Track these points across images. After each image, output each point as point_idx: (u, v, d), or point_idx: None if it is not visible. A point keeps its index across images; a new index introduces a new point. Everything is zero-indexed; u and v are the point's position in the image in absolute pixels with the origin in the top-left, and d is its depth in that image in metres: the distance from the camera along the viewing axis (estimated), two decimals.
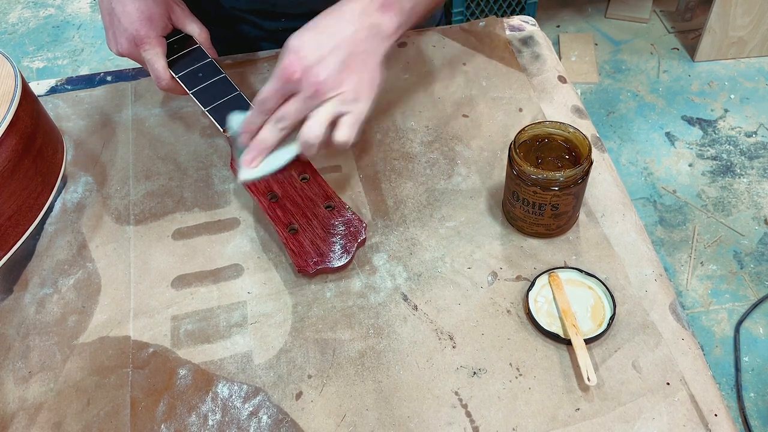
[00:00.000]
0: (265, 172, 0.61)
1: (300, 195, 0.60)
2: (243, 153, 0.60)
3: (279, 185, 0.60)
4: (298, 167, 0.61)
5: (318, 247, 0.57)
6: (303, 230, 0.58)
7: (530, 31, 0.83)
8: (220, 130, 0.64)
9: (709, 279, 1.55)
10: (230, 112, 0.64)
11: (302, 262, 0.57)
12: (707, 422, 0.50)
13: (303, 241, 0.58)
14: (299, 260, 0.57)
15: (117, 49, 0.67)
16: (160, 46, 0.66)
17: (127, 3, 0.64)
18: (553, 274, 0.58)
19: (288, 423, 0.51)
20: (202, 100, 0.65)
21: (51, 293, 0.60)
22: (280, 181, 0.60)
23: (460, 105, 0.74)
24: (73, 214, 0.66)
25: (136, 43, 0.65)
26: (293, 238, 0.58)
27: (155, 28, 0.65)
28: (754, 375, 1.38)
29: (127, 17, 0.64)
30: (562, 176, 0.55)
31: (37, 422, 0.52)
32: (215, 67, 0.67)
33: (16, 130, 0.60)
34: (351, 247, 0.58)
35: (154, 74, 0.66)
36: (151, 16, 0.65)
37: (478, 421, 0.51)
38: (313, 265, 0.57)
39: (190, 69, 0.67)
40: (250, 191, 0.60)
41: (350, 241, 0.58)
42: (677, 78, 2.03)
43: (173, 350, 0.56)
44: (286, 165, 0.61)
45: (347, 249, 0.58)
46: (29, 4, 2.56)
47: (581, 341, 0.53)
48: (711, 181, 1.75)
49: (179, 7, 0.69)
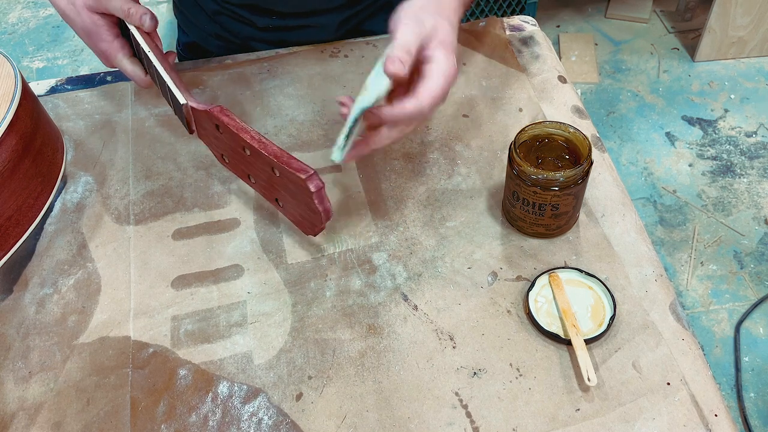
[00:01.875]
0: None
1: (256, 169, 0.58)
2: (347, 144, 0.55)
3: (248, 168, 0.59)
4: (239, 143, 0.57)
5: (301, 211, 0.57)
6: (284, 202, 0.58)
7: (530, 31, 0.83)
8: (180, 101, 0.60)
9: (709, 279, 1.54)
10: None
11: (309, 227, 0.58)
12: (707, 422, 0.50)
13: (292, 211, 0.58)
14: (306, 227, 0.58)
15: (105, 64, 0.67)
16: (120, 50, 0.66)
17: (72, 24, 0.65)
18: (554, 274, 0.58)
19: (288, 424, 0.51)
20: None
21: (51, 293, 0.60)
22: (250, 162, 0.58)
23: (460, 105, 0.74)
24: (73, 214, 0.66)
25: (105, 57, 0.66)
26: (286, 211, 0.59)
27: (100, 40, 0.65)
28: (754, 375, 1.38)
29: (83, 38, 0.66)
30: (562, 176, 0.55)
31: (37, 422, 0.52)
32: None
33: (16, 130, 0.60)
34: (323, 193, 0.54)
35: (134, 81, 0.66)
36: (89, 32, 0.64)
37: (478, 422, 0.51)
38: (321, 225, 0.56)
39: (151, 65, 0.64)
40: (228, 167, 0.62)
41: (313, 192, 0.54)
42: (677, 78, 2.03)
43: (173, 350, 0.56)
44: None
45: (320, 197, 0.54)
46: (29, 4, 2.56)
47: (581, 341, 0.53)
48: (711, 181, 1.75)
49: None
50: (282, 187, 0.57)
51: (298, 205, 0.56)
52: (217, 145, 0.61)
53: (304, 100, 0.76)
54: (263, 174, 0.57)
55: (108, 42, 0.65)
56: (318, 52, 0.81)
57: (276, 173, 0.55)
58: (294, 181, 0.54)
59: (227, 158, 0.61)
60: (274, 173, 0.56)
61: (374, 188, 0.67)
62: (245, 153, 0.57)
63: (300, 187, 0.54)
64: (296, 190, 0.55)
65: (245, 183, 0.62)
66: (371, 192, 0.67)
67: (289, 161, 0.54)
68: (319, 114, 0.74)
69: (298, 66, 0.79)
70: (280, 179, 0.56)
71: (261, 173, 0.58)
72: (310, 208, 0.55)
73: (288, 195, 0.57)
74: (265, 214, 0.65)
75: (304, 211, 0.56)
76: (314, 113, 0.74)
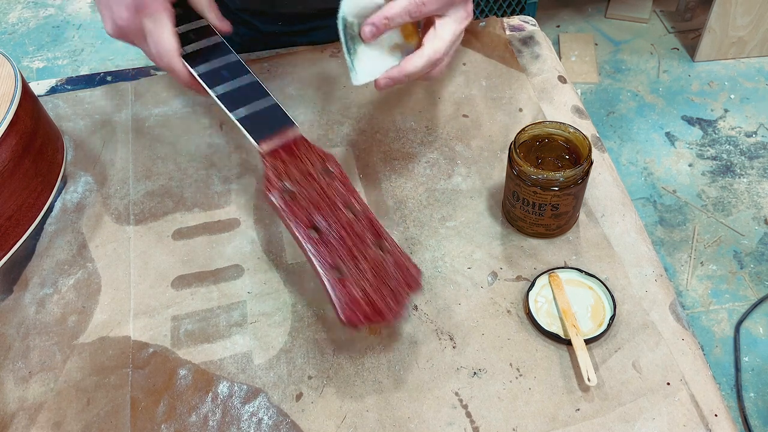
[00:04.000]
0: (378, 72, 0.54)
1: (346, 230, 0.50)
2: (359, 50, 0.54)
3: (323, 216, 0.50)
4: (343, 199, 0.52)
5: (368, 295, 0.48)
6: (351, 274, 0.49)
7: (530, 31, 0.83)
8: (254, 144, 0.53)
9: (709, 279, 1.55)
10: (264, 124, 0.54)
11: (350, 313, 0.47)
12: (707, 422, 0.50)
13: (351, 288, 0.48)
14: (348, 311, 0.47)
15: (114, 24, 0.55)
16: (167, 12, 0.54)
17: None
18: (554, 274, 0.58)
19: (288, 424, 0.51)
20: (230, 106, 0.55)
21: (51, 293, 0.60)
22: (323, 211, 0.51)
23: (460, 105, 0.74)
24: (73, 214, 0.66)
25: (138, 9, 0.53)
26: (339, 284, 0.48)
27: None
28: (754, 375, 1.38)
29: None
30: (562, 176, 0.55)
31: (37, 422, 0.52)
32: (242, 66, 0.58)
33: (16, 130, 0.60)
34: (405, 298, 0.49)
35: (157, 49, 0.54)
36: None
37: (478, 422, 0.51)
38: (364, 319, 0.47)
39: (213, 66, 0.57)
40: (287, 219, 0.50)
41: (404, 291, 0.49)
42: (677, 78, 2.03)
43: (173, 350, 0.56)
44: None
45: (400, 299, 0.49)
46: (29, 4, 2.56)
47: (581, 341, 0.53)
48: (711, 181, 1.75)
49: None
50: (372, 264, 0.49)
51: (369, 290, 0.48)
52: (291, 178, 0.52)
53: (304, 100, 0.76)
54: (352, 239, 0.50)
55: (169, 31, 0.55)
56: (318, 52, 0.81)
57: (379, 250, 0.50)
58: (400, 267, 0.49)
59: (297, 199, 0.51)
60: (369, 246, 0.50)
61: (374, 188, 0.67)
62: (340, 208, 0.51)
63: (401, 279, 0.49)
64: (385, 277, 0.49)
65: (293, 230, 0.50)
66: (371, 192, 0.67)
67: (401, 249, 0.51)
68: (319, 114, 0.74)
69: (298, 66, 0.79)
70: (377, 256, 0.49)
71: (351, 238, 0.50)
72: (383, 302, 0.48)
73: (371, 275, 0.49)
74: (265, 214, 0.65)
75: (369, 298, 0.48)
76: (314, 113, 0.74)
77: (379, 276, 0.49)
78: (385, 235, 0.51)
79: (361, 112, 0.74)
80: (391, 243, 0.51)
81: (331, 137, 0.72)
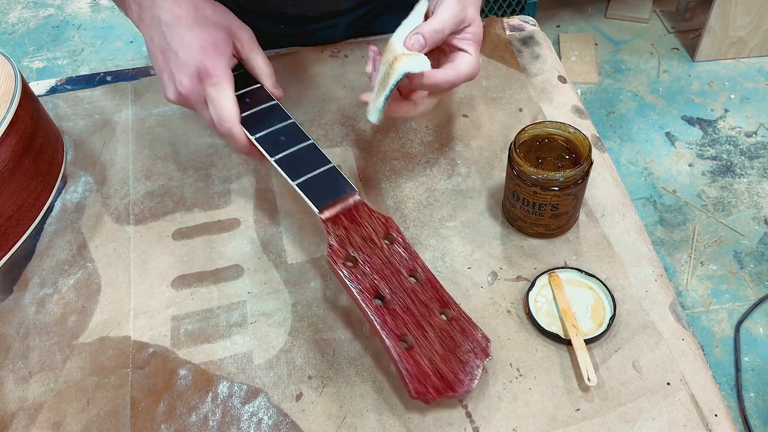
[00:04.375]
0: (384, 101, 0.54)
1: (411, 298, 0.49)
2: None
3: (386, 284, 0.49)
4: (406, 265, 0.51)
5: (437, 367, 0.47)
6: (418, 344, 0.47)
7: (530, 31, 0.83)
8: (315, 212, 0.53)
9: (709, 279, 1.55)
10: (324, 190, 0.53)
11: (420, 386, 0.46)
12: (707, 422, 0.50)
13: (419, 359, 0.47)
14: (417, 384, 0.46)
15: (175, 90, 0.55)
16: (228, 80, 0.55)
17: (185, 33, 0.54)
18: (554, 274, 0.58)
19: (288, 424, 0.51)
20: (290, 172, 0.54)
21: (51, 293, 0.60)
22: (387, 278, 0.50)
23: (460, 105, 0.74)
24: (73, 214, 0.66)
25: (201, 77, 0.54)
26: (407, 355, 0.47)
27: (222, 56, 0.54)
28: (754, 375, 1.38)
29: (188, 48, 0.53)
30: (562, 176, 0.55)
31: (37, 422, 0.52)
32: (299, 130, 0.57)
33: (16, 130, 0.60)
34: (476, 369, 0.47)
35: (218, 116, 0.54)
36: (215, 43, 0.54)
37: (478, 422, 0.51)
38: (434, 393, 0.46)
39: (270, 130, 0.56)
40: (352, 289, 0.49)
41: (473, 361, 0.48)
42: (677, 78, 2.03)
43: (173, 350, 0.56)
44: None
45: (470, 371, 0.47)
46: (29, 4, 2.56)
47: (581, 341, 0.53)
48: (711, 181, 1.75)
49: (243, 32, 0.59)
50: (438, 334, 0.48)
51: (439, 362, 0.47)
52: (354, 246, 0.51)
53: (304, 100, 0.76)
54: (418, 308, 0.49)
55: (230, 98, 0.55)
56: (318, 52, 0.81)
57: (444, 319, 0.49)
58: (468, 335, 0.48)
59: (359, 266, 0.50)
60: (435, 314, 0.49)
61: (374, 188, 0.67)
62: (404, 275, 0.50)
63: (469, 349, 0.48)
64: (453, 347, 0.48)
65: (358, 301, 0.49)
66: (371, 192, 0.67)
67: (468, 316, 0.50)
68: (319, 114, 0.74)
69: (298, 66, 0.79)
70: (443, 326, 0.48)
71: (416, 306, 0.49)
72: (453, 374, 0.47)
73: (439, 345, 0.48)
74: (265, 214, 0.65)
75: (439, 371, 0.47)
76: (314, 113, 0.74)
77: (446, 346, 0.48)
78: (451, 302, 0.50)
79: (361, 113, 0.74)
80: (458, 310, 0.49)
81: (331, 137, 0.72)
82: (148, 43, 0.57)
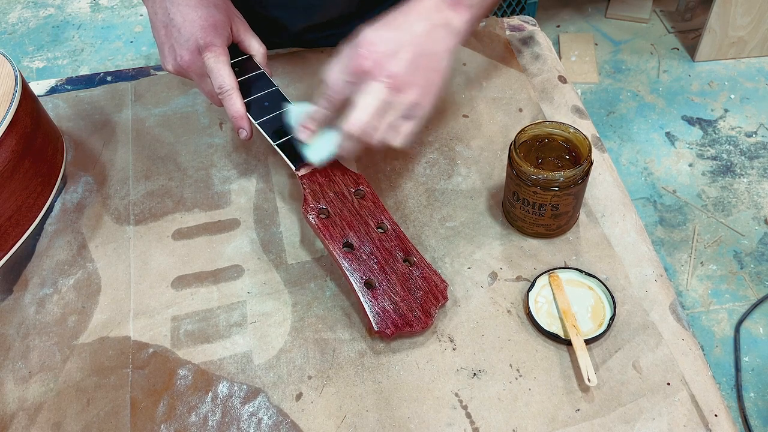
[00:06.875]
0: (331, 152, 0.57)
1: (377, 246, 0.55)
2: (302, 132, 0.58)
3: (355, 233, 0.55)
4: (374, 217, 0.56)
5: (397, 306, 0.53)
6: (381, 286, 0.53)
7: (530, 31, 0.83)
8: (292, 168, 0.58)
9: (709, 279, 1.54)
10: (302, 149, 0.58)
11: (381, 322, 0.52)
12: (707, 422, 0.50)
13: (381, 300, 0.53)
14: (378, 320, 0.52)
15: (175, 63, 0.61)
16: (225, 54, 0.61)
17: (188, 11, 0.60)
18: (554, 274, 0.58)
19: (288, 424, 0.51)
20: (271, 134, 0.60)
21: (51, 293, 0.60)
22: (355, 228, 0.55)
23: (460, 105, 0.74)
24: (73, 214, 0.66)
25: (200, 50, 0.60)
26: (371, 294, 0.53)
27: (220, 35, 0.60)
28: (754, 375, 1.38)
29: (190, 25, 0.59)
30: (562, 176, 0.55)
31: (37, 422, 0.52)
32: (281, 96, 0.63)
33: (16, 130, 0.60)
34: (432, 309, 0.53)
35: (218, 82, 0.59)
36: (215, 23, 0.60)
37: (478, 422, 0.51)
38: (393, 328, 0.52)
39: (255, 96, 0.62)
40: (323, 236, 0.55)
41: (431, 302, 0.54)
42: (677, 78, 2.03)
43: (173, 350, 0.56)
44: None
45: (427, 311, 0.53)
46: (29, 4, 2.56)
47: (581, 342, 0.53)
48: (711, 181, 1.75)
49: (239, 20, 0.65)
50: (400, 278, 0.54)
51: (399, 302, 0.53)
52: (326, 199, 0.57)
53: (304, 99, 0.76)
54: (383, 255, 0.54)
55: (228, 69, 0.60)
56: (318, 52, 0.81)
57: (407, 264, 0.54)
58: (428, 280, 0.54)
59: (332, 217, 0.56)
60: (398, 261, 0.54)
61: (374, 188, 0.67)
62: (371, 226, 0.55)
63: (428, 291, 0.54)
64: (413, 289, 0.54)
65: (328, 246, 0.55)
66: None
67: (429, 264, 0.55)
68: None
69: (298, 66, 0.79)
70: (405, 270, 0.54)
71: (380, 253, 0.54)
72: (412, 313, 0.53)
73: (400, 288, 0.54)
74: (265, 214, 0.65)
75: (398, 309, 0.53)
76: None
77: (407, 288, 0.54)
78: (413, 250, 0.55)
79: None
80: (419, 258, 0.55)
81: None
82: (151, 17, 0.62)
